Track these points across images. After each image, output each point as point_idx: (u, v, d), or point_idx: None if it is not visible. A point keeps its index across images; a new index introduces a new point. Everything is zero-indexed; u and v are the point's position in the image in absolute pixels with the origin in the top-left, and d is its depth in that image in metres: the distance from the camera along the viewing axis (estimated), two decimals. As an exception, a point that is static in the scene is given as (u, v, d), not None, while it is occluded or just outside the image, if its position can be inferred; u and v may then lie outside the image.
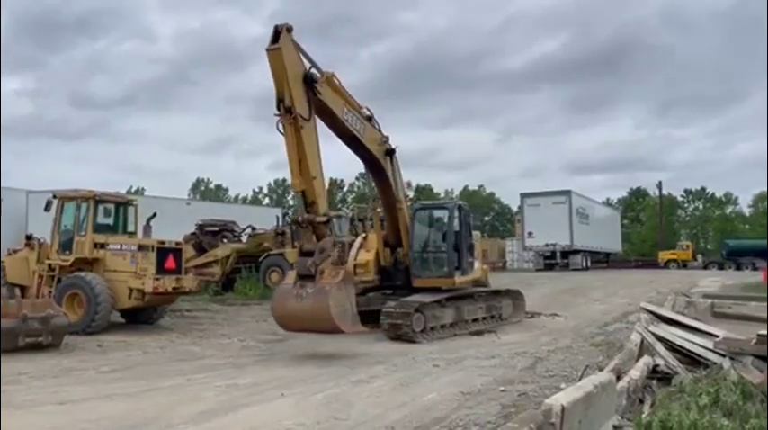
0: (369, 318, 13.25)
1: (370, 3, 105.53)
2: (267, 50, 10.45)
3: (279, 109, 10.50)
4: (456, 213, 14.00)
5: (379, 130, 13.01)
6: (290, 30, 10.53)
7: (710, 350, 7.64)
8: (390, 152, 13.15)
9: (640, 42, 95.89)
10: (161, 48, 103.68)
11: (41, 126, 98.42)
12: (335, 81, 11.61)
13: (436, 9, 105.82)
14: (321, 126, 11.55)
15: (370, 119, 12.75)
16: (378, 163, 13.03)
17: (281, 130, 10.59)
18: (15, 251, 14.55)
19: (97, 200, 14.00)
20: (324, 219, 10.78)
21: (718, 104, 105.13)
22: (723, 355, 7.39)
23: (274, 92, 10.59)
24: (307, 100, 10.69)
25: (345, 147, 12.62)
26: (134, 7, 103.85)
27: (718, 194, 74.13)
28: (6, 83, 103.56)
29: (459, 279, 13.47)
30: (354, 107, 12.14)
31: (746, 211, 74.73)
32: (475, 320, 13.83)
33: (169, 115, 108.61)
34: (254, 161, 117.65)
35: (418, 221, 13.93)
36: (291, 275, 10.89)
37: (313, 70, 10.94)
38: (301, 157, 10.53)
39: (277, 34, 10.44)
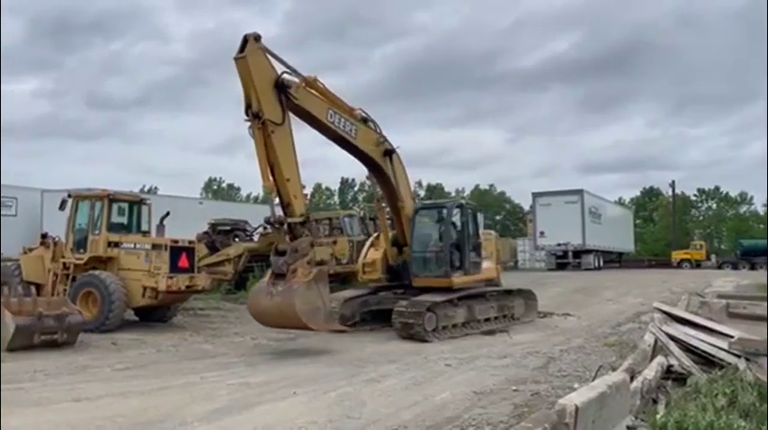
0: (380, 317, 13.33)
1: (382, 3, 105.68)
2: (234, 59, 10.50)
3: (247, 114, 10.59)
4: (455, 212, 13.92)
5: (377, 132, 12.96)
6: (257, 38, 10.55)
7: (725, 350, 7.58)
8: (389, 152, 13.10)
9: (653, 42, 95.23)
10: (175, 49, 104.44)
11: (58, 126, 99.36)
12: (319, 85, 11.64)
13: (448, 9, 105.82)
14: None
15: (365, 120, 12.74)
16: (376, 164, 13.01)
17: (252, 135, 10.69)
18: (31, 249, 14.69)
19: (111, 199, 14.11)
20: (300, 219, 10.86)
21: (732, 103, 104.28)
22: (738, 356, 7.33)
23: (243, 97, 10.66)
24: (279, 105, 10.74)
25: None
26: (149, 9, 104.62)
27: (733, 194, 73.53)
28: (23, 84, 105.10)
29: (458, 279, 13.33)
30: (343, 109, 12.11)
31: (761, 211, 73.98)
32: (487, 320, 13.80)
33: (183, 115, 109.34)
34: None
35: (418, 221, 13.88)
36: (268, 274, 11.11)
37: (286, 75, 10.96)
38: (273, 160, 10.63)
39: (245, 43, 10.50)
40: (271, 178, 10.69)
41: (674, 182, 62.29)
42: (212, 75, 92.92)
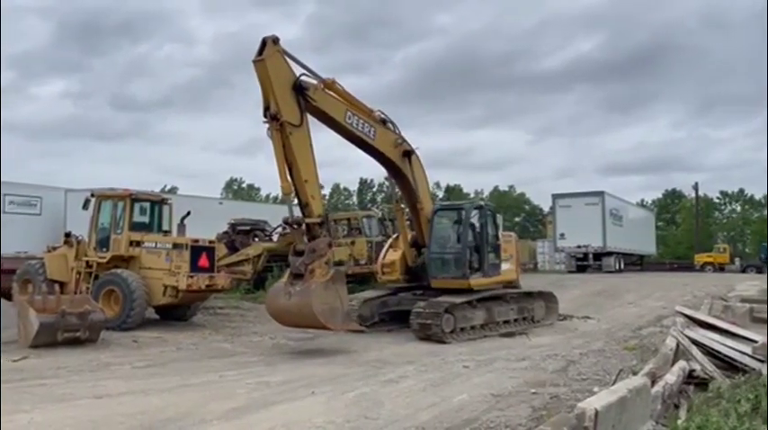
0: (399, 318, 13.33)
1: (405, 5, 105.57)
2: (253, 62, 10.58)
3: (266, 116, 10.66)
4: (474, 213, 13.86)
5: (396, 133, 12.96)
6: (276, 41, 10.65)
7: (749, 355, 7.47)
8: (408, 153, 13.09)
9: (677, 42, 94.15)
10: (200, 51, 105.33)
11: (83, 127, 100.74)
12: (337, 86, 11.73)
13: (469, 11, 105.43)
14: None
15: (384, 122, 12.76)
16: (394, 165, 13.02)
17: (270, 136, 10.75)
18: (55, 248, 14.93)
19: (133, 198, 14.30)
20: (317, 220, 10.93)
21: (756, 104, 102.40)
22: (762, 361, 7.21)
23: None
24: (298, 107, 10.81)
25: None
26: (175, 12, 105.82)
27: (758, 196, 72.31)
28: (51, 86, 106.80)
29: (476, 281, 13.29)
30: (361, 111, 12.16)
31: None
32: (506, 322, 13.73)
33: (205, 117, 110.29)
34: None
35: (437, 222, 13.84)
36: (286, 274, 11.21)
37: (304, 78, 11.04)
38: (291, 162, 10.72)
39: (263, 45, 10.57)
40: (289, 179, 10.76)
41: (697, 184, 61.32)
42: (235, 77, 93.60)
